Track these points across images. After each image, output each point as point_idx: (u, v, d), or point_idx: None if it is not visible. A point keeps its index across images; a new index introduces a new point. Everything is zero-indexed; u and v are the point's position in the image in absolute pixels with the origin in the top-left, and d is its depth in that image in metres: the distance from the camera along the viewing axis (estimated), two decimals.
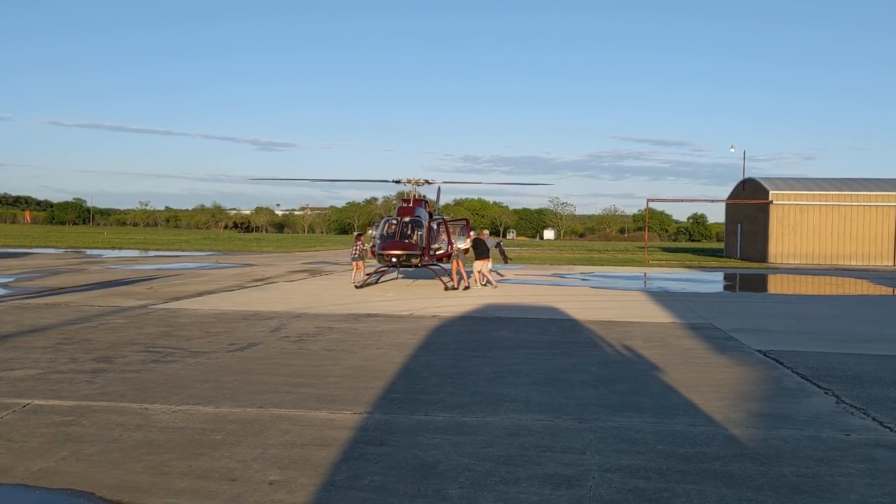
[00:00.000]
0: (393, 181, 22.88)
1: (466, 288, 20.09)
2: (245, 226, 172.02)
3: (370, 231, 23.38)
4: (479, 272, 21.19)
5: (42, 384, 7.47)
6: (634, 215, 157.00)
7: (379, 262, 20.61)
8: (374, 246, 20.73)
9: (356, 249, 21.47)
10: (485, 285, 20.99)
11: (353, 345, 10.36)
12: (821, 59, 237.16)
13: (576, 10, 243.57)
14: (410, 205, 21.24)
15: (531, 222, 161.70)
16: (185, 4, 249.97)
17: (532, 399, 7.16)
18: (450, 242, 22.38)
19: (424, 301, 16.86)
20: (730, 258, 47.66)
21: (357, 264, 21.56)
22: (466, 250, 21.39)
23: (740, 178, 49.46)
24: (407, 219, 20.41)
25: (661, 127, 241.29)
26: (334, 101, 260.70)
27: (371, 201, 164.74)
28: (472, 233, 22.85)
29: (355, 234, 22.86)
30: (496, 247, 21.99)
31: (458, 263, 20.56)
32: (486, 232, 23.47)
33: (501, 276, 25.66)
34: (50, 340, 10.26)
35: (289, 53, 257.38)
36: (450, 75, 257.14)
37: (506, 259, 27.21)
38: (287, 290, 19.08)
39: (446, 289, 19.88)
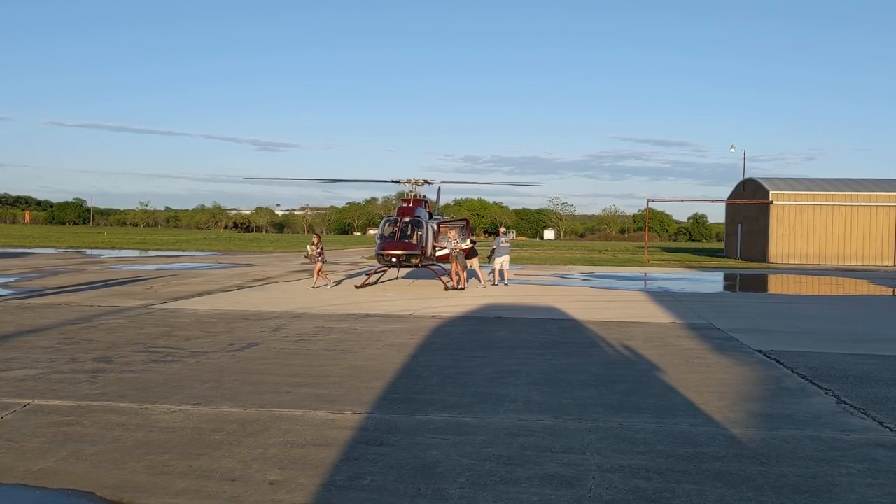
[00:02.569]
0: (392, 181, 22.89)
1: (462, 289, 20.06)
2: (245, 226, 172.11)
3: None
4: (496, 270, 22.32)
5: (42, 384, 7.47)
6: (635, 215, 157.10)
7: (379, 262, 20.62)
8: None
9: (314, 252, 19.86)
10: (505, 284, 21.69)
11: (353, 345, 10.36)
12: (822, 60, 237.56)
13: (577, 10, 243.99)
14: (410, 205, 21.24)
15: (531, 222, 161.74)
16: (185, 4, 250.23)
17: (532, 399, 7.16)
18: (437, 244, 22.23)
19: (424, 301, 16.86)
20: (730, 258, 47.65)
21: (317, 266, 19.84)
22: (467, 251, 21.43)
23: (741, 179, 49.47)
24: (407, 219, 20.41)
25: (661, 127, 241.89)
26: (335, 102, 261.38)
27: (371, 201, 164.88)
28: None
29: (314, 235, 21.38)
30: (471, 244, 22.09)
31: (457, 264, 20.55)
32: (503, 230, 24.10)
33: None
34: (50, 340, 10.26)
35: (290, 54, 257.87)
36: (450, 75, 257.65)
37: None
38: (287, 290, 19.08)
39: (446, 289, 19.88)
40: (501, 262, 22.38)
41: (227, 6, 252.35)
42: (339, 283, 21.50)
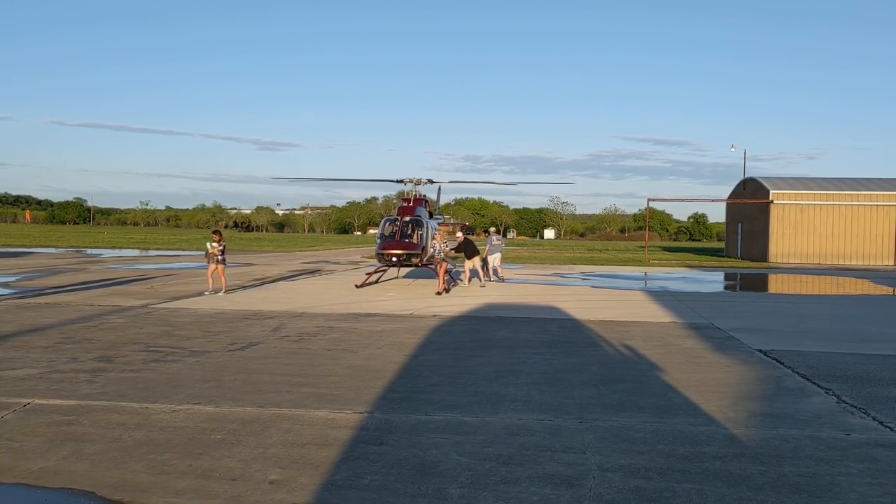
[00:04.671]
0: (395, 180, 22.91)
1: (447, 291, 19.21)
2: (245, 225, 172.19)
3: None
4: (492, 267, 22.35)
5: (42, 383, 7.47)
6: (635, 215, 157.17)
7: (379, 261, 20.61)
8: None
9: (214, 251, 17.57)
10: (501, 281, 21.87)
11: (354, 344, 10.36)
12: (823, 59, 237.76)
13: (578, 9, 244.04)
14: (411, 204, 21.25)
15: (531, 222, 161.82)
16: (187, 4, 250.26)
17: (532, 398, 7.16)
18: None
19: (424, 300, 16.85)
20: (730, 258, 47.64)
21: (211, 268, 17.61)
22: (456, 249, 21.38)
23: (741, 178, 49.45)
24: (407, 218, 20.41)
25: (662, 126, 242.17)
26: (336, 101, 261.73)
27: (371, 201, 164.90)
28: (458, 234, 22.85)
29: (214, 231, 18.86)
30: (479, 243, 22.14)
31: (443, 266, 19.77)
32: (493, 229, 24.06)
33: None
34: (50, 340, 10.26)
35: (291, 53, 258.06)
36: (451, 75, 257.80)
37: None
38: (287, 290, 19.08)
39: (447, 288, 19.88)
40: (493, 259, 22.96)
41: (227, 6, 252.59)
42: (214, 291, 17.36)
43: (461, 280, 21.81)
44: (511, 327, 12.37)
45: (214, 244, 17.66)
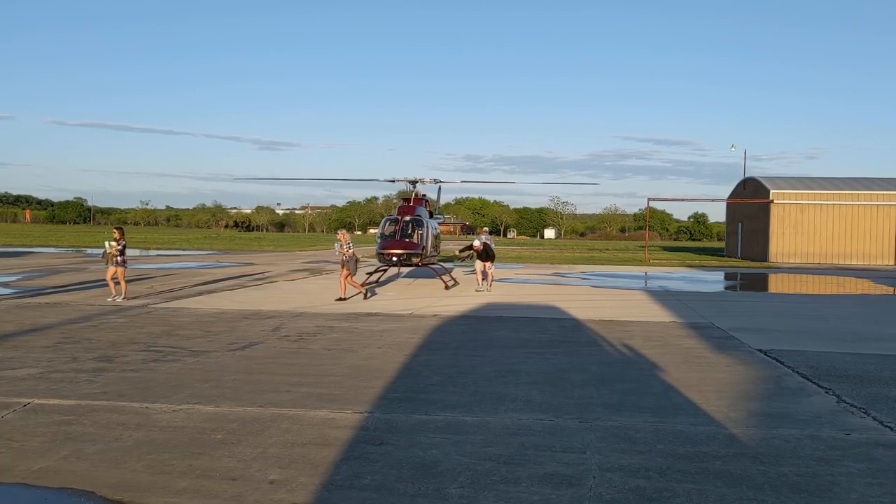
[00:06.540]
0: (396, 180, 22.88)
1: (366, 296, 17.23)
2: (246, 225, 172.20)
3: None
4: (480, 271, 21.34)
5: (43, 383, 7.48)
6: (635, 214, 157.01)
7: (380, 261, 20.60)
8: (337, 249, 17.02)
9: (113, 251, 15.63)
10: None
11: (354, 344, 10.36)
12: (823, 59, 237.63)
13: (579, 9, 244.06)
14: (411, 204, 21.25)
15: (532, 221, 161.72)
16: (187, 4, 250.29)
17: (532, 398, 7.16)
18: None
19: (425, 300, 16.85)
20: (731, 257, 47.64)
21: (112, 271, 15.75)
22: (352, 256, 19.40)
23: (741, 178, 49.44)
24: (407, 218, 20.42)
25: (663, 126, 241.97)
26: (337, 101, 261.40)
27: (372, 200, 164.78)
28: (476, 242, 21.90)
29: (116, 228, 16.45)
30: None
31: (347, 270, 16.82)
32: (486, 229, 23.61)
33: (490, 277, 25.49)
34: (50, 339, 10.26)
35: (291, 52, 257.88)
36: (452, 74, 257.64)
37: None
38: (287, 290, 19.08)
39: (447, 288, 19.87)
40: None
41: (228, 6, 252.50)
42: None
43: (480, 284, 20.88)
44: (511, 327, 12.37)
45: (113, 242, 15.65)
